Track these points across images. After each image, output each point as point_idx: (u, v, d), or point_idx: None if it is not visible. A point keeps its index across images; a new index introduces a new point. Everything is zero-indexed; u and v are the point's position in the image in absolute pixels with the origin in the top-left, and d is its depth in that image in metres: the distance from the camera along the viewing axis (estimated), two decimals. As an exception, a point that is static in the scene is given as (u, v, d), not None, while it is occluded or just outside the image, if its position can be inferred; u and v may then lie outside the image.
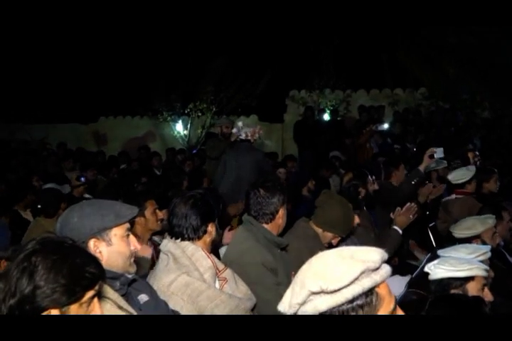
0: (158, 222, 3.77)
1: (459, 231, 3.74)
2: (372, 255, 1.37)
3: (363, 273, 1.34)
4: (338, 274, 1.33)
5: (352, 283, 1.32)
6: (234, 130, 6.85)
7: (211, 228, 2.71)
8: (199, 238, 2.67)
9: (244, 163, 6.61)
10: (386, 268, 1.39)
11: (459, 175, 5.37)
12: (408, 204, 4.18)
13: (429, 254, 3.66)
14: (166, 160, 10.64)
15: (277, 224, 3.08)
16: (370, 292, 1.35)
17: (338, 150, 10.08)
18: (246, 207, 3.12)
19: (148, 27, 11.42)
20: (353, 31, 10.83)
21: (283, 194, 3.05)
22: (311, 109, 11.71)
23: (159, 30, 11.48)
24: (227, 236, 3.90)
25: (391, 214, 4.23)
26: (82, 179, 6.57)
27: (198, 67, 12.51)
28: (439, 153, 5.41)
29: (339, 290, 1.32)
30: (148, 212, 3.69)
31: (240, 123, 6.86)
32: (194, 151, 11.67)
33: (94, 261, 1.59)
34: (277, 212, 3.04)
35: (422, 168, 5.37)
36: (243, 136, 6.69)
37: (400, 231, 4.11)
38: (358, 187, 4.57)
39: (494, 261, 3.32)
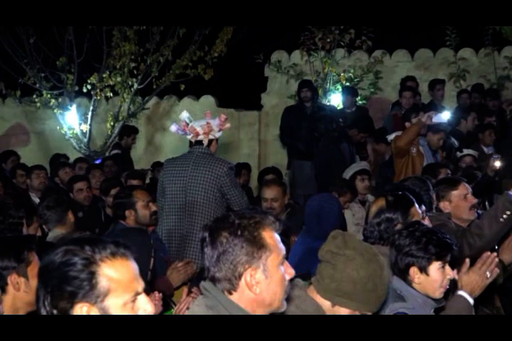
0: None
1: None
2: None
3: None
4: None
5: None
6: (172, 127, 7.01)
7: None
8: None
9: (195, 183, 6.76)
10: None
11: None
12: (486, 253, 4.28)
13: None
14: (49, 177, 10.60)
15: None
16: None
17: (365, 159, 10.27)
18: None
19: None
20: None
21: None
22: (311, 86, 11.73)
23: None
24: None
25: (454, 271, 4.22)
26: None
27: (104, 7, 12.47)
28: None
29: None
30: (31, 272, 3.61)
31: (184, 114, 6.98)
32: (98, 161, 11.69)
33: None
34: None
35: None
36: (189, 135, 6.85)
37: (471, 300, 4.23)
38: (395, 225, 4.59)
39: None
